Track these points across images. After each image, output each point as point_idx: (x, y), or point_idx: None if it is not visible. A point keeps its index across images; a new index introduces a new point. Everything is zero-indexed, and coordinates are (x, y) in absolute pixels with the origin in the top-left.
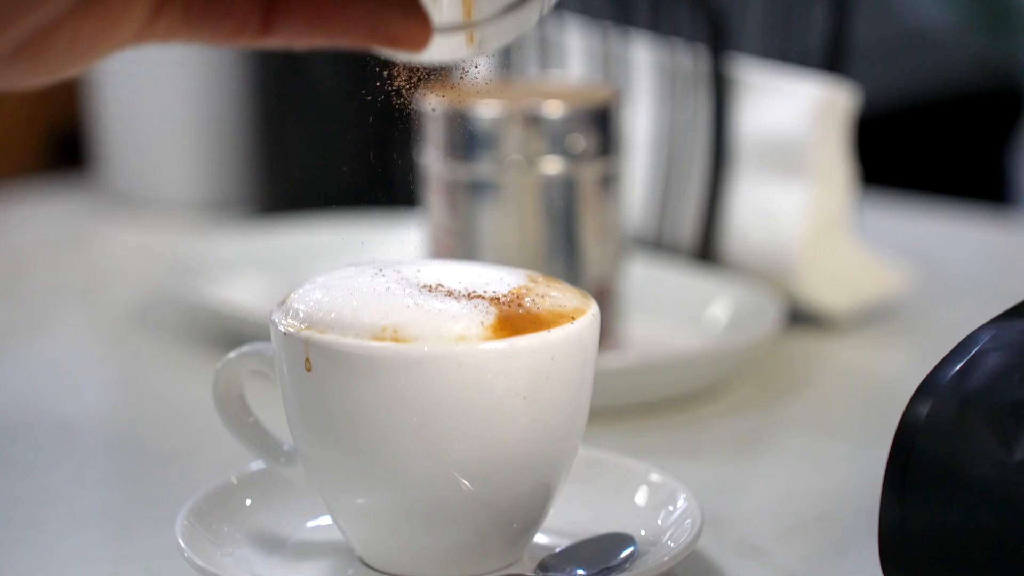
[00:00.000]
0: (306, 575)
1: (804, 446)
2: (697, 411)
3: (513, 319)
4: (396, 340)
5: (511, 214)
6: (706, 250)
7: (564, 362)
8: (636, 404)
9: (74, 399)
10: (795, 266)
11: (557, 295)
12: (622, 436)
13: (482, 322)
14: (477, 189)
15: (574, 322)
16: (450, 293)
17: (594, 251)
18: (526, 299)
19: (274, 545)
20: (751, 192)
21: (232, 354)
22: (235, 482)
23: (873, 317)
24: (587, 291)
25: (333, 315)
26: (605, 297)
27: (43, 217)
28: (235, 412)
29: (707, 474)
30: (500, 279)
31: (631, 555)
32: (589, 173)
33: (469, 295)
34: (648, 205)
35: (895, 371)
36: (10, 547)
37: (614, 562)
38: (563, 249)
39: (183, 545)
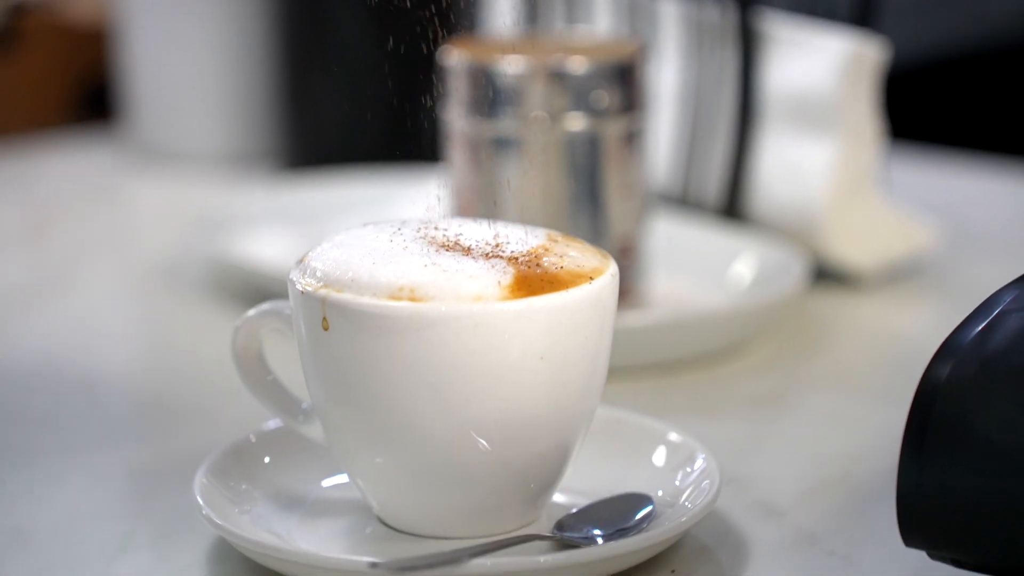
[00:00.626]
0: (324, 533)
1: (826, 406)
2: (720, 370)
3: (531, 279)
4: (413, 300)
5: (534, 171)
6: (732, 207)
7: (582, 322)
8: (658, 363)
9: (98, 354)
10: (821, 223)
11: (576, 255)
12: (643, 395)
13: (499, 282)
14: (500, 145)
15: (592, 282)
16: (468, 252)
17: (618, 208)
18: (545, 259)
19: (292, 503)
20: (778, 148)
21: (251, 312)
22: (254, 440)
23: (900, 275)
24: (610, 248)
25: (350, 274)
26: (628, 254)
27: (70, 170)
28: (254, 370)
29: (727, 434)
30: (519, 238)
31: (648, 515)
32: (613, 129)
33: (487, 255)
34: (674, 161)
35: (921, 330)
36: (31, 502)
37: (631, 522)
38: (586, 206)
39: (201, 503)
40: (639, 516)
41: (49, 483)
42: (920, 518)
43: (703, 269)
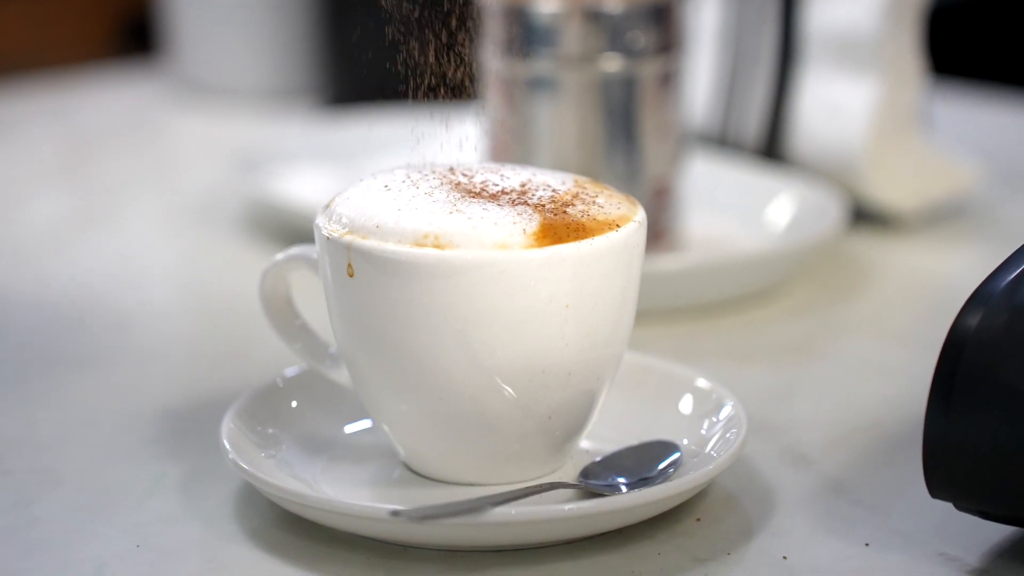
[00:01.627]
0: (350, 479)
1: (861, 351)
2: (753, 314)
3: (556, 227)
4: (438, 247)
5: (569, 112)
6: (771, 147)
7: (607, 270)
8: (691, 306)
9: (132, 293)
10: (862, 164)
11: (604, 201)
12: (676, 339)
13: (524, 230)
14: (535, 86)
15: (618, 230)
16: (494, 199)
17: (653, 150)
18: (571, 206)
19: (319, 448)
20: (818, 88)
21: (279, 256)
22: (281, 384)
23: (941, 217)
24: (645, 190)
25: (376, 221)
26: (663, 196)
27: (110, 103)
28: (282, 314)
29: (759, 379)
30: (546, 185)
31: (674, 463)
32: (649, 70)
33: (513, 201)
34: (714, 101)
35: (961, 274)
36: (63, 442)
37: (656, 470)
38: (621, 148)
39: (228, 447)
40: (665, 464)
41: (81, 424)
42: (946, 469)
43: (740, 210)
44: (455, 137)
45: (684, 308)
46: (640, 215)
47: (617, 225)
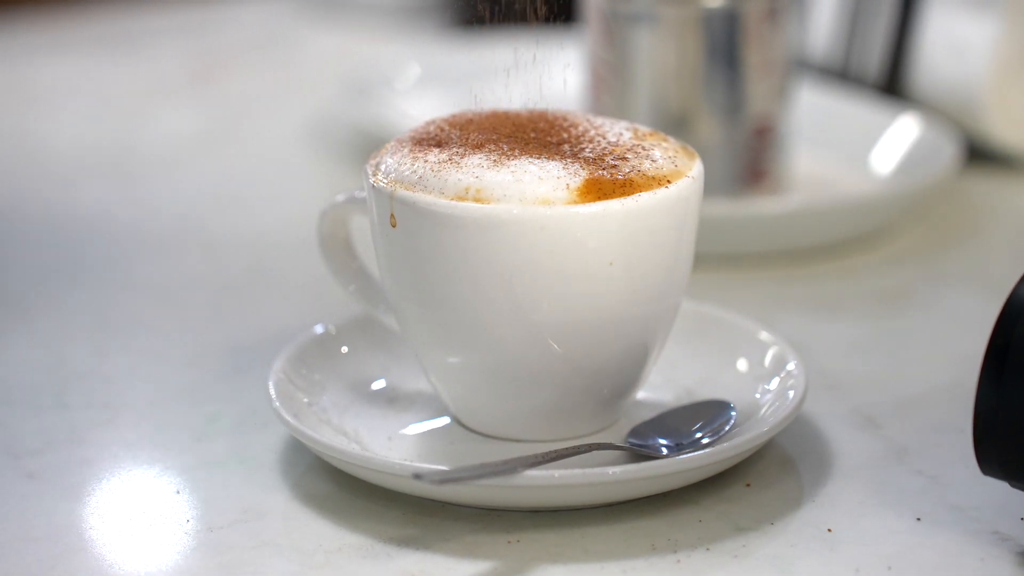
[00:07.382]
0: (395, 430)
1: (960, 304)
2: (854, 259)
3: (602, 182)
4: (479, 201)
5: (669, 48)
6: (893, 83)
7: (656, 227)
8: (787, 250)
9: (227, 222)
10: (983, 102)
11: (658, 155)
12: (768, 284)
13: (568, 185)
14: (635, 21)
15: (668, 187)
16: (544, 150)
17: (756, 87)
18: (623, 160)
19: (367, 397)
20: (942, 22)
21: (339, 197)
22: (333, 330)
23: None
24: (745, 129)
25: (420, 172)
26: (765, 135)
27: (244, 18)
28: (339, 256)
29: (845, 331)
30: (602, 136)
31: (725, 426)
32: (753, 5)
33: (563, 154)
34: (836, 32)
35: None
36: (127, 378)
37: (706, 432)
38: (722, 85)
39: (272, 394)
40: (713, 428)
41: (149, 358)
42: (997, 446)
43: (849, 148)
44: (549, 71)
45: (781, 251)
46: (695, 170)
47: (668, 181)
